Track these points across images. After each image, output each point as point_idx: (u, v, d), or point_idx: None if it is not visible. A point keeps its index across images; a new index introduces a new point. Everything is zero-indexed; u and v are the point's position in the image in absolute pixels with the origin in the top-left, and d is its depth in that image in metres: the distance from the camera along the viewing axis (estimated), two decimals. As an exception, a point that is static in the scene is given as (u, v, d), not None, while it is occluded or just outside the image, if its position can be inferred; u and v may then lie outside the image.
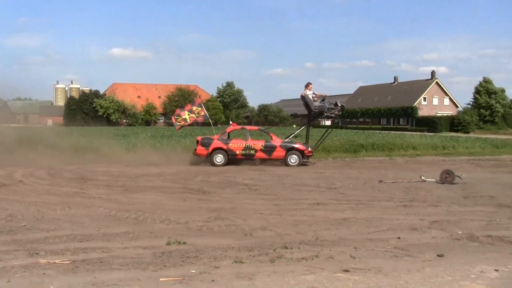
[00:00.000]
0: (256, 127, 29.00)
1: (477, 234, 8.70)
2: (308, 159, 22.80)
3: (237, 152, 22.07)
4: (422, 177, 15.89)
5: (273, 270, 6.62)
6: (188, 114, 24.03)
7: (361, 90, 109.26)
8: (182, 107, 25.84)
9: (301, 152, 22.08)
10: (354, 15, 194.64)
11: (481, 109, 79.98)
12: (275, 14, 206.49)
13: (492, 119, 79.78)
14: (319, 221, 9.93)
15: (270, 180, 16.30)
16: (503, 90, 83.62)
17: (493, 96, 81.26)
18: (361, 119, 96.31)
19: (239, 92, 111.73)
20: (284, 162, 21.89)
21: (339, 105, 23.79)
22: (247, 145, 22.10)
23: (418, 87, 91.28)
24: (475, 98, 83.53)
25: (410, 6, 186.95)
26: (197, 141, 22.58)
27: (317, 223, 9.68)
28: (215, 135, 22.64)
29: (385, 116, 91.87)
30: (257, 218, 10.21)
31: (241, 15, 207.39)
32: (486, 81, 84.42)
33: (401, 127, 79.56)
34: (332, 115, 23.78)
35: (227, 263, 6.97)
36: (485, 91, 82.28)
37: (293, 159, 21.89)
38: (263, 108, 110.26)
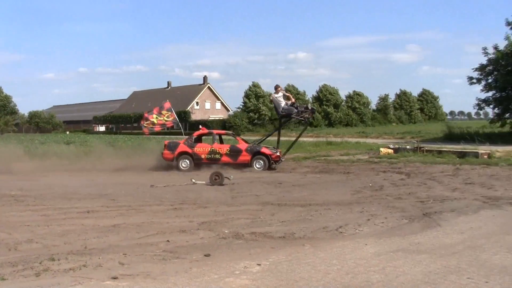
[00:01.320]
0: (223, 131, 28.08)
1: (242, 232, 9.13)
2: (276, 164, 21.72)
3: (203, 156, 21.67)
4: (193, 180, 16.28)
5: (38, 285, 6.31)
6: (156, 118, 23.39)
7: (135, 95, 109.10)
8: (150, 111, 24.82)
9: (267, 156, 21.34)
10: (124, 20, 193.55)
11: (250, 112, 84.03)
12: (47, 15, 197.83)
13: (260, 121, 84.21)
14: (88, 229, 9.66)
15: (39, 190, 15.50)
16: (270, 94, 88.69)
17: (261, 99, 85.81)
18: (135, 124, 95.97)
19: (7, 98, 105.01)
20: (250, 167, 21.21)
21: (310, 108, 23.70)
22: (212, 149, 21.67)
23: (191, 91, 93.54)
24: (244, 102, 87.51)
25: (182, 12, 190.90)
26: (164, 145, 22.19)
27: (87, 232, 9.41)
28: (182, 140, 21.72)
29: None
30: (23, 231, 9.62)
31: (6, 14, 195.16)
32: (255, 85, 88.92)
33: (175, 131, 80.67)
34: (302, 118, 22.75)
35: (-14, 282, 6.51)
36: (254, 95, 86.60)
37: (259, 164, 21.24)
38: (34, 115, 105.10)
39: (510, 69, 38.51)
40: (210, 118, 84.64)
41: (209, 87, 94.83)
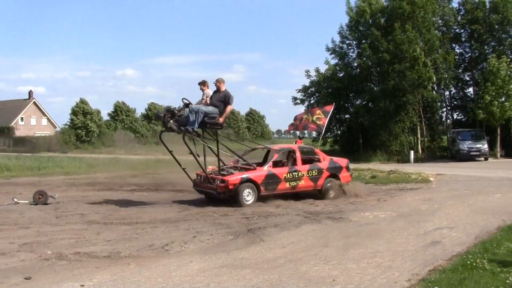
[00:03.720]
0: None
1: (65, 252, 8.89)
2: None
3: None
4: (15, 199, 15.52)
5: None
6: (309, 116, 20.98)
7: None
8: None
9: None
10: None
11: (78, 129, 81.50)
12: None
13: (88, 138, 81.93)
14: None
15: None
16: (98, 112, 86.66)
17: (88, 116, 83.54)
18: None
19: None
20: None
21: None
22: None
23: (15, 106, 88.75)
24: (71, 118, 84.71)
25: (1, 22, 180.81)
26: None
27: None
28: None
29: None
30: None
31: None
32: (83, 102, 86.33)
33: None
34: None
35: None
36: (82, 111, 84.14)
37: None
38: None
39: (330, 91, 41.23)
40: (36, 135, 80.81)
41: (34, 102, 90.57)
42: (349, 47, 42.88)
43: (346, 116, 43.48)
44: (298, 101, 43.32)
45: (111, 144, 69.22)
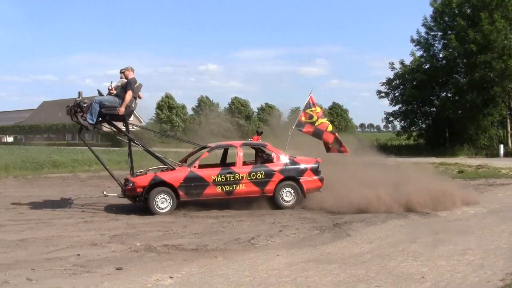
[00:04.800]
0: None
1: (154, 245, 9.08)
2: None
3: None
4: (104, 192, 15.92)
5: None
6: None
7: (45, 105, 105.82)
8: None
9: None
10: (29, 27, 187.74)
11: (163, 124, 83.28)
12: None
13: (174, 133, 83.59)
14: (-6, 244, 9.35)
15: None
16: (183, 106, 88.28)
17: (174, 110, 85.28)
18: (45, 135, 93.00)
19: None
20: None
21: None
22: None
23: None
24: (157, 113, 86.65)
25: (90, 21, 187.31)
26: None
27: (-8, 247, 9.11)
28: None
29: (70, 131, 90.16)
30: None
31: None
32: (168, 96, 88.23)
33: (87, 142, 78.78)
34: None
35: None
36: (167, 106, 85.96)
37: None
38: None
39: (415, 84, 40.22)
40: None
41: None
42: (435, 39, 41.61)
43: (432, 109, 42.26)
44: (383, 94, 42.48)
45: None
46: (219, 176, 13.27)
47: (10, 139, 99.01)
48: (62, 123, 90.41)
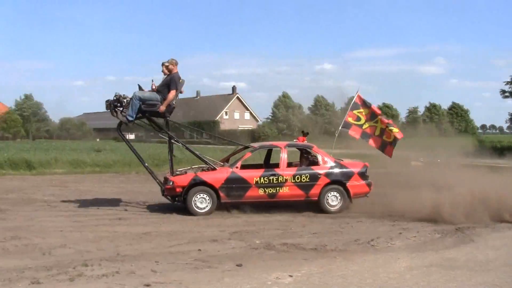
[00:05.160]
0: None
1: (273, 243, 9.12)
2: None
3: None
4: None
5: (72, 289, 6.42)
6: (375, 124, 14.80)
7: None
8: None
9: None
10: (149, 29, 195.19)
11: (279, 123, 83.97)
12: (71, 23, 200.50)
13: (290, 132, 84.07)
14: (120, 236, 9.77)
15: (71, 196, 15.66)
16: (300, 106, 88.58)
17: (290, 110, 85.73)
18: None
19: (38, 105, 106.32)
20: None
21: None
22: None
23: (220, 101, 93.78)
24: (273, 111, 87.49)
25: (207, 22, 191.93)
26: None
27: (119, 239, 9.52)
28: None
29: (188, 129, 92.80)
30: (57, 236, 9.78)
31: (35, 24, 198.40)
32: (285, 96, 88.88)
33: (205, 140, 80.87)
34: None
35: (23, 285, 6.59)
36: (283, 105, 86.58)
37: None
38: (65, 122, 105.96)
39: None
40: (239, 128, 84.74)
41: (238, 97, 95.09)
42: None
43: None
44: (507, 94, 40.61)
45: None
46: (262, 178, 12.80)
47: (131, 136, 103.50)
48: (181, 122, 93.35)
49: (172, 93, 12.72)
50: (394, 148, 14.41)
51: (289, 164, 13.53)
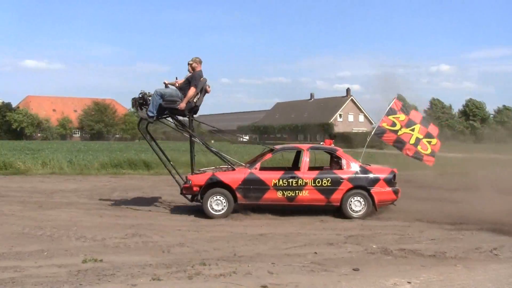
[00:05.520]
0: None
1: (390, 248, 8.95)
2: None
3: None
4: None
5: (191, 287, 6.58)
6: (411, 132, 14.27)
7: (278, 106, 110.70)
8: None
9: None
10: (268, 32, 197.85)
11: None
12: (188, 28, 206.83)
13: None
14: (236, 237, 9.95)
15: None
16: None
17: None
18: (278, 135, 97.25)
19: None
20: None
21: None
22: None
23: (334, 104, 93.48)
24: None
25: (321, 25, 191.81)
26: None
27: (235, 239, 9.69)
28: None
29: (302, 132, 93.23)
30: (175, 235, 10.12)
31: (154, 29, 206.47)
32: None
33: (317, 143, 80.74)
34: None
35: (144, 281, 6.85)
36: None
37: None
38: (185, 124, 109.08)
39: None
40: (353, 131, 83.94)
41: (352, 100, 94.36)
42: None
43: None
44: None
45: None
46: (280, 180, 12.42)
47: (245, 138, 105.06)
48: (295, 124, 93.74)
49: (192, 89, 12.52)
50: (434, 158, 14.04)
51: (314, 168, 13.26)
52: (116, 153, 31.90)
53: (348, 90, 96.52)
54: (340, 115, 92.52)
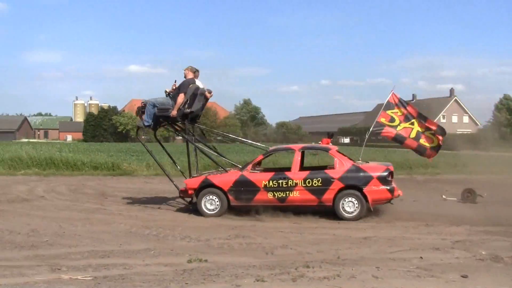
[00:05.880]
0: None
1: (501, 255, 8.55)
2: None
3: None
4: (444, 196, 15.73)
5: (295, 290, 6.62)
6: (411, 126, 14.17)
7: (379, 108, 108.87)
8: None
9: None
10: (366, 31, 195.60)
11: (502, 127, 79.12)
12: (287, 31, 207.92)
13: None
14: (340, 240, 9.90)
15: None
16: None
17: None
18: (380, 137, 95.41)
19: (256, 109, 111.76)
20: None
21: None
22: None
23: (437, 104, 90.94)
24: (494, 115, 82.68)
25: (421, 23, 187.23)
26: None
27: (339, 242, 9.65)
28: None
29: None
30: (278, 237, 10.20)
31: (253, 32, 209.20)
32: (506, 98, 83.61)
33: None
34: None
35: (248, 282, 6.95)
36: (506, 108, 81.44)
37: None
38: (281, 125, 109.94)
39: None
40: (457, 132, 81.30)
41: (456, 100, 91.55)
42: None
43: None
44: None
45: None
46: (270, 181, 12.45)
47: (346, 140, 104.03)
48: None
49: (181, 96, 13.13)
50: (437, 153, 13.98)
51: (305, 168, 13.39)
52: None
53: (451, 90, 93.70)
54: (444, 116, 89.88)
